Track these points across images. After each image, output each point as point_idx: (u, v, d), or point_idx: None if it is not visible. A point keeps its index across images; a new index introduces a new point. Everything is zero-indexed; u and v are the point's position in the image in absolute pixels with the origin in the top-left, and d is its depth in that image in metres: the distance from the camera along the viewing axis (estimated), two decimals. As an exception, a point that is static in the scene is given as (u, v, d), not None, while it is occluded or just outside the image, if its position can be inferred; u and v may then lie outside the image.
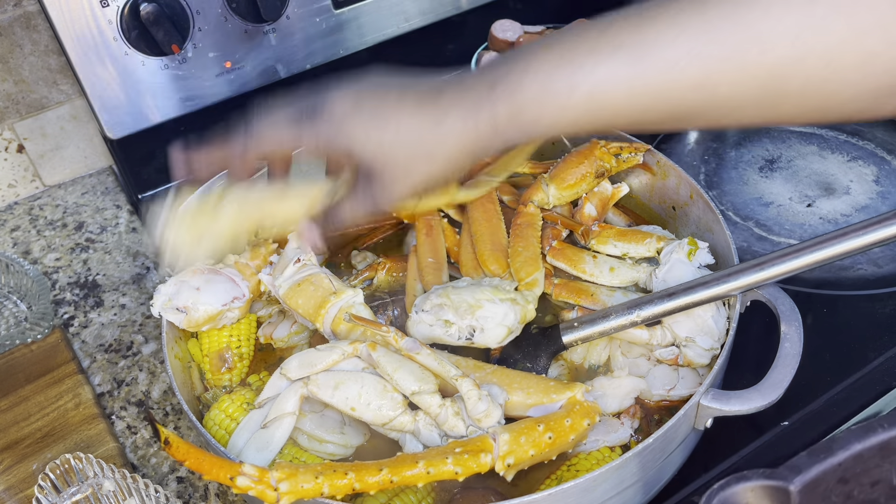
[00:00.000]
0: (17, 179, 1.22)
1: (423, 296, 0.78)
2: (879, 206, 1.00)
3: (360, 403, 0.68)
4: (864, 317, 0.88)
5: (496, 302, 0.74)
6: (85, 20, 1.00)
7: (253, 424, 0.72)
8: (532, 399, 0.69)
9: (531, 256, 0.82)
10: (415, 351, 0.70)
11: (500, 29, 1.16)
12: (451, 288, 0.77)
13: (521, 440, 0.64)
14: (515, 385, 0.69)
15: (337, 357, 0.71)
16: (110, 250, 1.12)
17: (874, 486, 0.50)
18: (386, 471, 0.62)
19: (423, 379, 0.68)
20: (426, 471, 0.62)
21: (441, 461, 0.62)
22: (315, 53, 1.16)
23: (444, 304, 0.74)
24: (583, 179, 0.88)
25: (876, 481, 0.50)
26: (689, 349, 0.74)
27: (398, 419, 0.68)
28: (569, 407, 0.67)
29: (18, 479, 0.82)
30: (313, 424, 0.73)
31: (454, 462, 0.62)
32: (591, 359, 0.79)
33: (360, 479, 0.62)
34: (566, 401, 0.68)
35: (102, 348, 0.98)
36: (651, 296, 0.73)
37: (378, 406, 0.68)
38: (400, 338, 0.70)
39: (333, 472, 0.62)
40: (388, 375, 0.69)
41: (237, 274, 0.84)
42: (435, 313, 0.75)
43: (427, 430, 0.68)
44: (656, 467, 0.68)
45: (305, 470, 0.62)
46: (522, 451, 0.64)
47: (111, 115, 1.07)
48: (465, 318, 0.74)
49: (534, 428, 0.65)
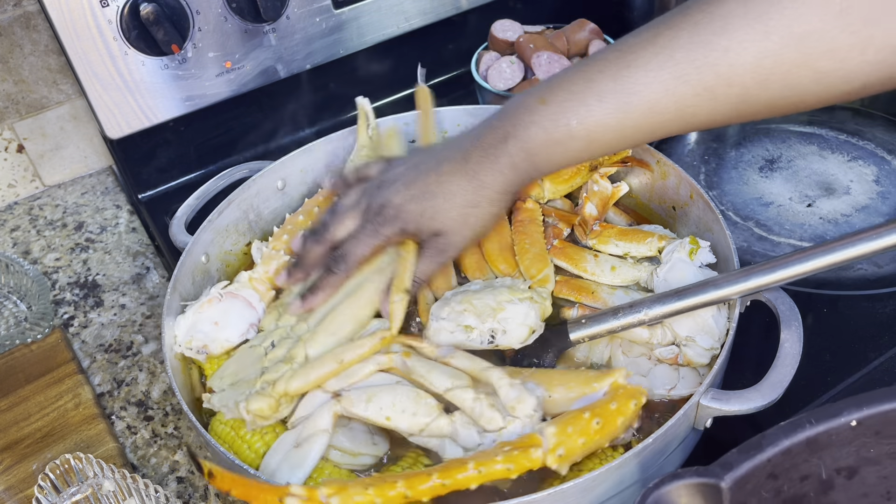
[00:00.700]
0: (17, 179, 1.22)
1: (440, 303, 0.78)
2: (879, 206, 1.00)
3: (394, 412, 0.69)
4: (864, 317, 0.88)
5: (516, 302, 0.75)
6: (85, 20, 1.00)
7: (286, 445, 0.71)
8: (574, 392, 0.68)
9: (539, 253, 0.83)
10: (450, 355, 0.73)
11: (500, 29, 1.16)
12: (468, 293, 0.77)
13: (568, 430, 0.63)
14: (555, 382, 0.69)
15: (373, 367, 0.73)
16: (110, 250, 1.12)
17: (803, 481, 0.51)
18: (436, 476, 0.61)
19: (455, 376, 0.70)
20: (477, 471, 0.61)
21: (491, 460, 0.62)
22: (315, 53, 1.16)
23: (467, 309, 0.75)
24: (577, 173, 0.89)
25: (805, 476, 0.51)
26: (690, 348, 0.74)
27: (434, 423, 0.68)
28: (612, 392, 0.67)
29: (18, 479, 0.82)
30: (345, 439, 0.72)
31: (505, 460, 0.61)
32: (592, 357, 0.79)
33: (411, 486, 0.61)
34: (609, 387, 0.67)
35: (102, 348, 0.98)
36: (659, 295, 0.73)
37: (413, 412, 0.68)
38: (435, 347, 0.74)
39: (384, 483, 0.61)
40: (422, 377, 0.71)
41: (253, 294, 0.84)
42: (454, 319, 0.75)
43: (465, 428, 0.68)
44: (656, 467, 0.68)
45: (354, 483, 0.61)
46: (572, 441, 0.63)
47: (111, 115, 1.07)
48: (487, 322, 0.74)
49: (580, 416, 0.64)
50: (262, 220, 0.98)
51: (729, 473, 0.49)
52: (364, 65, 1.24)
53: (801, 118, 1.16)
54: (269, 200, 0.99)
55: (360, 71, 1.25)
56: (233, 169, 1.02)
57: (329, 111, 1.24)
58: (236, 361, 0.79)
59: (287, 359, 0.76)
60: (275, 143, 1.24)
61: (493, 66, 1.13)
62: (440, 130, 1.04)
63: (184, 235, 0.92)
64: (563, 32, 1.15)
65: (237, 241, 0.96)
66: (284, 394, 0.72)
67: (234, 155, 1.22)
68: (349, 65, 1.23)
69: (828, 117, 1.16)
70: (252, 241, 0.97)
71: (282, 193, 1.00)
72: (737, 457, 0.50)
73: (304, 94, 1.22)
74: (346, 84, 1.25)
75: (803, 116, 1.17)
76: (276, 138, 1.24)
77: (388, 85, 1.29)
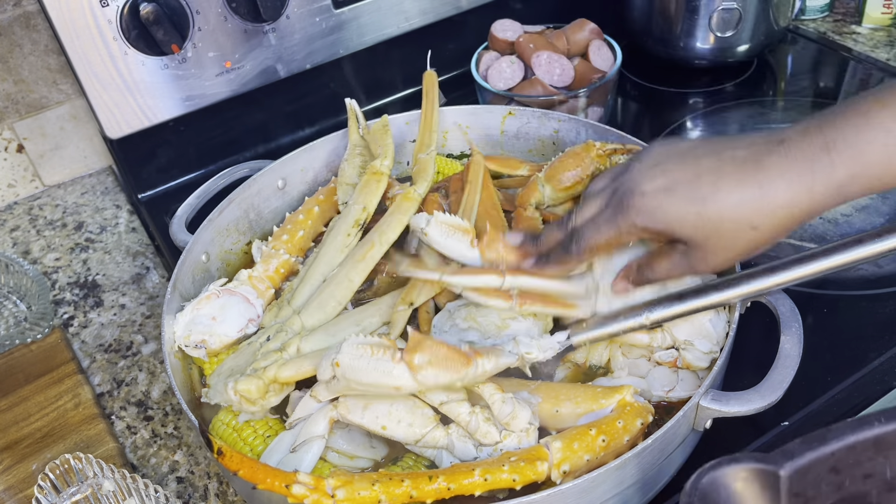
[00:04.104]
0: (17, 179, 1.22)
1: (443, 315, 0.78)
2: (879, 205, 1.00)
3: (390, 421, 0.68)
4: (864, 317, 0.88)
5: (519, 319, 0.75)
6: (85, 20, 1.00)
7: (283, 446, 0.71)
8: (581, 408, 0.69)
9: None
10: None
11: (500, 29, 1.16)
12: (471, 307, 0.77)
13: (574, 446, 0.64)
14: (562, 396, 0.69)
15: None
16: (110, 250, 1.12)
17: (866, 479, 0.50)
18: (442, 479, 0.62)
19: (451, 389, 0.69)
20: (483, 478, 0.62)
21: (498, 469, 0.62)
22: (315, 53, 1.16)
23: (472, 327, 0.75)
24: (579, 182, 0.89)
25: (868, 474, 0.50)
26: (688, 352, 0.74)
27: (430, 434, 0.68)
28: (619, 409, 0.67)
29: (18, 479, 0.82)
30: (343, 441, 0.72)
31: (511, 470, 0.62)
32: (591, 359, 0.79)
33: (417, 486, 0.61)
34: (616, 404, 0.68)
35: (102, 348, 0.98)
36: (661, 298, 0.73)
37: (409, 422, 0.68)
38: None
39: (390, 480, 0.61)
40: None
41: (251, 291, 0.84)
42: (457, 334, 0.75)
43: (461, 442, 0.68)
44: (656, 468, 0.68)
45: (361, 477, 0.61)
46: (577, 458, 0.64)
47: (111, 114, 1.07)
48: (490, 339, 0.74)
49: (586, 433, 0.65)
50: (262, 219, 0.98)
51: (789, 462, 0.48)
52: (364, 65, 1.24)
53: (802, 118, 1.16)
54: (270, 199, 0.99)
55: (360, 71, 1.25)
56: (233, 168, 1.02)
57: (329, 111, 1.24)
58: (234, 359, 0.79)
59: (280, 350, 0.77)
60: (275, 143, 1.24)
61: (493, 65, 1.13)
62: (440, 130, 1.04)
63: (184, 234, 0.92)
64: (563, 32, 1.15)
65: (237, 240, 0.96)
66: (274, 379, 0.72)
67: (233, 155, 1.22)
68: (349, 65, 1.23)
69: (828, 117, 1.15)
70: (252, 240, 0.97)
71: (282, 192, 1.00)
72: (799, 447, 0.49)
73: (305, 94, 1.22)
74: (347, 84, 1.25)
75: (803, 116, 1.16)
76: (276, 138, 1.24)
77: (388, 85, 1.29)
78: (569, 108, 1.09)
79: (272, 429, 0.74)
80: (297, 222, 0.92)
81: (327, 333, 0.78)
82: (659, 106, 1.25)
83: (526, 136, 1.02)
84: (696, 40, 1.22)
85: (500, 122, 1.03)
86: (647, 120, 1.23)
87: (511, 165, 0.97)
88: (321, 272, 0.85)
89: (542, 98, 1.08)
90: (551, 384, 0.73)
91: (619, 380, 0.75)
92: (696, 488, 0.48)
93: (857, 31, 1.34)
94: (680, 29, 1.21)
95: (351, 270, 0.83)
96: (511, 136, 1.03)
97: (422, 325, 0.80)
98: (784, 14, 1.23)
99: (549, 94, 1.08)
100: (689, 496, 0.49)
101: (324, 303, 0.81)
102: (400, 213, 0.86)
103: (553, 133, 1.00)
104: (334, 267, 0.85)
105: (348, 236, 0.86)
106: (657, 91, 1.27)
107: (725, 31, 1.20)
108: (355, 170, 0.95)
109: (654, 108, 1.25)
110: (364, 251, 0.83)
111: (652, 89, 1.28)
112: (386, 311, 0.80)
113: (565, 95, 1.08)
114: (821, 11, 1.38)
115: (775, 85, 1.26)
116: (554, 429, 0.70)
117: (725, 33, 1.20)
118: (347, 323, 0.79)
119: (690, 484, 0.49)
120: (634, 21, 1.27)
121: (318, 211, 0.94)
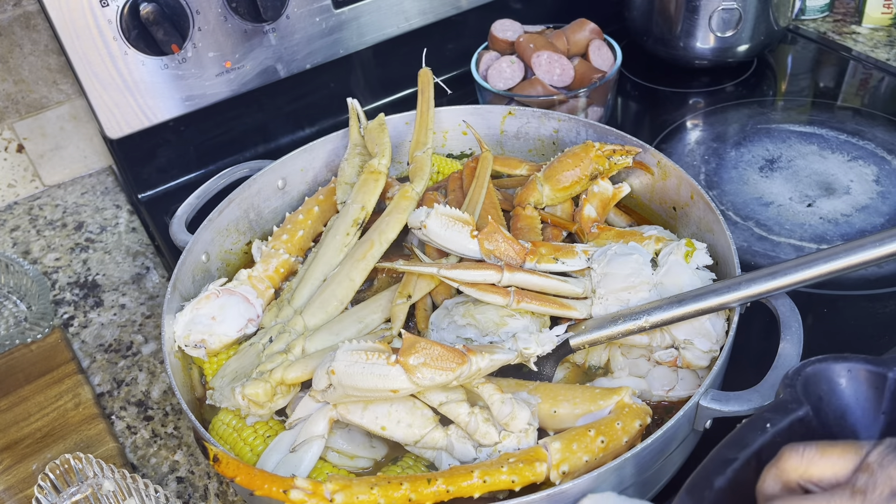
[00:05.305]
0: (17, 179, 1.22)
1: (440, 312, 0.78)
2: (879, 205, 1.00)
3: (389, 421, 0.68)
4: (864, 317, 0.88)
5: (517, 317, 0.75)
6: (85, 20, 1.00)
7: (283, 446, 0.71)
8: (580, 409, 0.69)
9: None
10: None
11: (500, 29, 1.16)
12: (470, 304, 0.77)
13: (573, 447, 0.64)
14: (561, 397, 0.69)
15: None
16: (110, 250, 1.12)
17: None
18: (441, 481, 0.62)
19: (450, 389, 0.69)
20: (482, 480, 0.62)
21: (496, 471, 0.62)
22: (315, 53, 1.16)
23: (470, 323, 0.75)
24: (577, 182, 0.89)
25: None
26: (688, 351, 0.74)
27: (430, 435, 0.68)
28: (618, 410, 0.67)
29: (18, 479, 0.82)
30: (343, 441, 0.72)
31: (509, 472, 0.62)
32: (591, 360, 0.79)
33: (415, 489, 0.61)
34: (615, 405, 0.68)
35: (102, 348, 0.98)
36: (660, 301, 0.73)
37: (409, 423, 0.68)
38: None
39: (388, 484, 0.61)
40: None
41: (251, 291, 0.84)
42: (455, 331, 0.75)
43: (460, 443, 0.68)
44: (656, 468, 0.68)
45: (359, 482, 0.61)
46: (576, 458, 0.64)
47: (111, 115, 1.07)
48: (488, 336, 0.74)
49: (585, 434, 0.65)
50: (262, 219, 0.98)
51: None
52: (364, 65, 1.24)
53: (802, 118, 1.16)
54: (270, 199, 0.99)
55: (360, 71, 1.25)
56: (233, 168, 1.02)
57: (329, 111, 1.24)
58: (237, 360, 0.79)
59: (284, 351, 0.77)
60: (275, 143, 1.24)
61: (493, 65, 1.13)
62: (440, 130, 1.04)
63: (184, 234, 0.92)
64: (563, 32, 1.15)
65: (237, 239, 0.96)
66: (281, 381, 0.72)
67: (234, 154, 1.22)
68: (349, 65, 1.23)
69: (828, 117, 1.16)
70: (252, 239, 0.97)
71: (282, 193, 1.00)
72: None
73: (304, 94, 1.22)
74: (347, 84, 1.25)
75: (803, 116, 1.17)
76: (276, 138, 1.24)
77: (389, 85, 1.29)
78: (569, 108, 1.09)
79: (272, 429, 0.74)
80: (297, 222, 0.92)
81: (331, 332, 0.78)
82: (659, 106, 1.25)
83: (526, 136, 1.03)
84: (696, 40, 1.22)
85: (500, 122, 1.03)
86: (647, 120, 1.23)
87: (510, 165, 0.97)
88: (321, 272, 0.85)
89: (542, 98, 1.08)
90: (550, 385, 0.73)
91: (619, 380, 0.75)
92: (799, 374, 0.48)
93: (857, 31, 1.34)
94: (680, 29, 1.22)
95: (352, 270, 0.83)
96: (511, 136, 1.03)
97: (419, 323, 0.80)
98: (784, 14, 1.23)
99: (549, 94, 1.08)
100: (790, 379, 0.48)
101: (326, 302, 0.81)
102: (398, 212, 0.86)
103: (553, 133, 1.00)
104: (334, 266, 0.85)
105: (347, 235, 0.86)
106: (657, 91, 1.27)
107: (725, 31, 1.20)
108: (355, 169, 0.95)
109: (654, 108, 1.25)
110: (364, 250, 0.83)
111: (652, 89, 1.28)
112: (386, 306, 0.80)
113: (565, 95, 1.08)
114: (821, 11, 1.38)
115: (775, 85, 1.26)
116: (552, 429, 0.70)
117: (725, 33, 1.20)
118: (350, 321, 0.79)
119: (794, 370, 0.48)
120: (634, 21, 1.27)
121: (318, 211, 0.94)
